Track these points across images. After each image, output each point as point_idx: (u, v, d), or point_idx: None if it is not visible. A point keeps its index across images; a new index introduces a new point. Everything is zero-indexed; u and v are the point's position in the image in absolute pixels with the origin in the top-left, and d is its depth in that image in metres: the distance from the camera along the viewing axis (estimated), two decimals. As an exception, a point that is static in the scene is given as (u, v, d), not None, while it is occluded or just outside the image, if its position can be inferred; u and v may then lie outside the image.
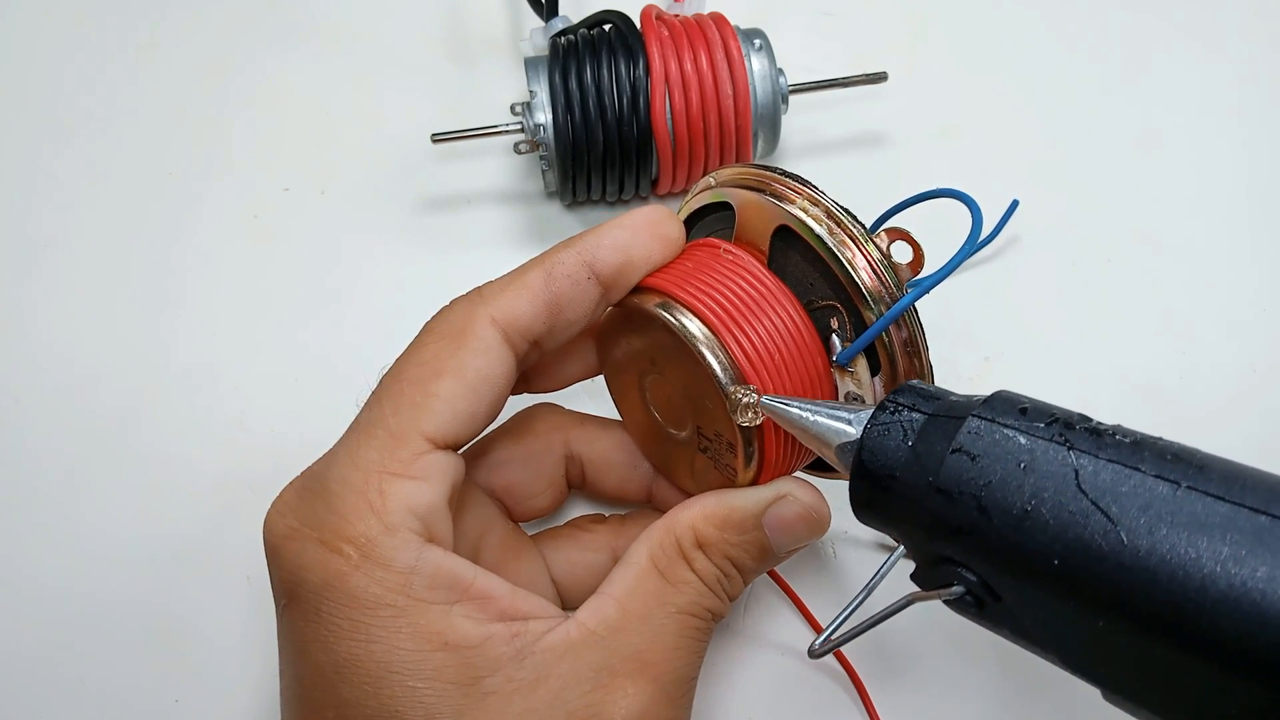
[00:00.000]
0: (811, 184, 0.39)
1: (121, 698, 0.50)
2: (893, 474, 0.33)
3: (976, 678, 0.49)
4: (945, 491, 0.31)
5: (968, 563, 0.31)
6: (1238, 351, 0.56)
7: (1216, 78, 0.65)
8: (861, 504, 0.35)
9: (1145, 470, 0.29)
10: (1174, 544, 0.27)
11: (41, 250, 0.60)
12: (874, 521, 0.35)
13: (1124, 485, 0.29)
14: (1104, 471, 0.29)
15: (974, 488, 0.31)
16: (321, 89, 0.64)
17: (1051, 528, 0.29)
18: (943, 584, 0.32)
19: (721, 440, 0.39)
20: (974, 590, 0.31)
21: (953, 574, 0.32)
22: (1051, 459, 0.30)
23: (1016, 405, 0.32)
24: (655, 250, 0.40)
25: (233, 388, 0.56)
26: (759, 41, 0.56)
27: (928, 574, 0.33)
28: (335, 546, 0.35)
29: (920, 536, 0.33)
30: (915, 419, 0.34)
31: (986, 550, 0.31)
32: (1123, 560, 0.28)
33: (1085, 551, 0.28)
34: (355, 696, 0.35)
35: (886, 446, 0.34)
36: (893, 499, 0.33)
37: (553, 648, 0.36)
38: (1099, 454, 0.30)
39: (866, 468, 0.34)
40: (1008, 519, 0.30)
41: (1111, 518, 0.28)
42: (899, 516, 0.34)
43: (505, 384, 0.39)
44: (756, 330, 0.38)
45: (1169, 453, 0.29)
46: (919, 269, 0.38)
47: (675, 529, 0.39)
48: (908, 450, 0.33)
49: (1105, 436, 0.30)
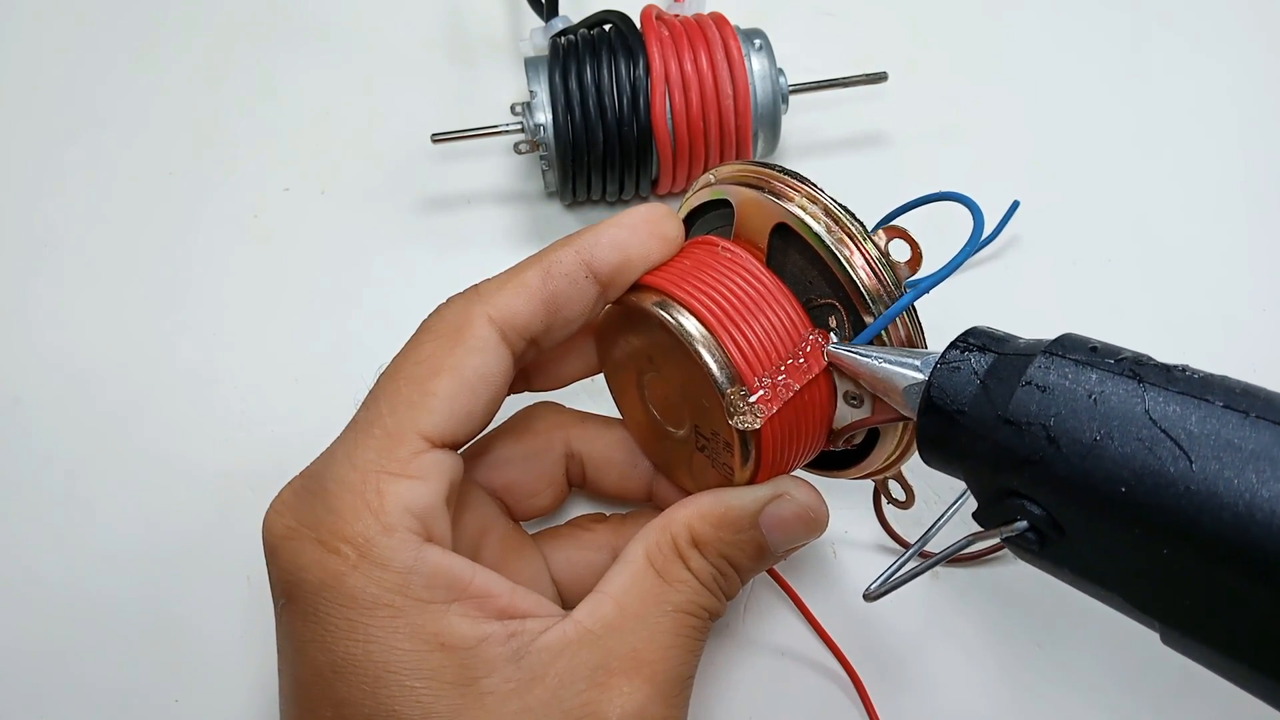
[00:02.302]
0: (810, 182, 0.39)
1: (121, 697, 0.50)
2: (961, 409, 0.34)
3: (977, 678, 0.49)
4: (1014, 423, 0.32)
5: (1034, 495, 0.32)
6: (1238, 351, 0.56)
7: (1216, 77, 0.64)
8: (929, 441, 0.35)
9: (1214, 401, 0.29)
10: (1241, 469, 0.27)
11: (42, 250, 0.60)
12: (940, 460, 0.36)
13: (1194, 415, 0.29)
14: (1173, 402, 0.29)
15: (1043, 418, 0.31)
16: (322, 89, 0.64)
17: (1120, 456, 0.29)
18: (1006, 520, 0.32)
19: (719, 439, 0.39)
20: (1038, 524, 0.32)
21: (1017, 508, 0.32)
22: (1121, 391, 0.30)
23: (1086, 344, 0.32)
24: (653, 248, 0.40)
25: (233, 388, 0.56)
26: (759, 41, 0.56)
27: (991, 511, 0.33)
28: (333, 546, 0.35)
29: (986, 471, 0.33)
30: (985, 359, 0.34)
31: (1054, 480, 0.31)
32: (1191, 485, 0.28)
33: (1154, 478, 0.29)
34: (353, 696, 0.35)
35: (956, 383, 0.34)
36: (960, 433, 0.34)
37: (549, 647, 0.36)
38: (1169, 387, 0.30)
39: (935, 403, 0.34)
40: (1077, 448, 0.30)
41: (1181, 445, 0.28)
42: (965, 452, 0.34)
43: (503, 382, 0.39)
44: (754, 329, 0.38)
45: (1237, 388, 0.29)
46: (917, 267, 0.38)
47: (671, 528, 0.39)
48: (977, 386, 0.34)
49: (1174, 372, 0.30)
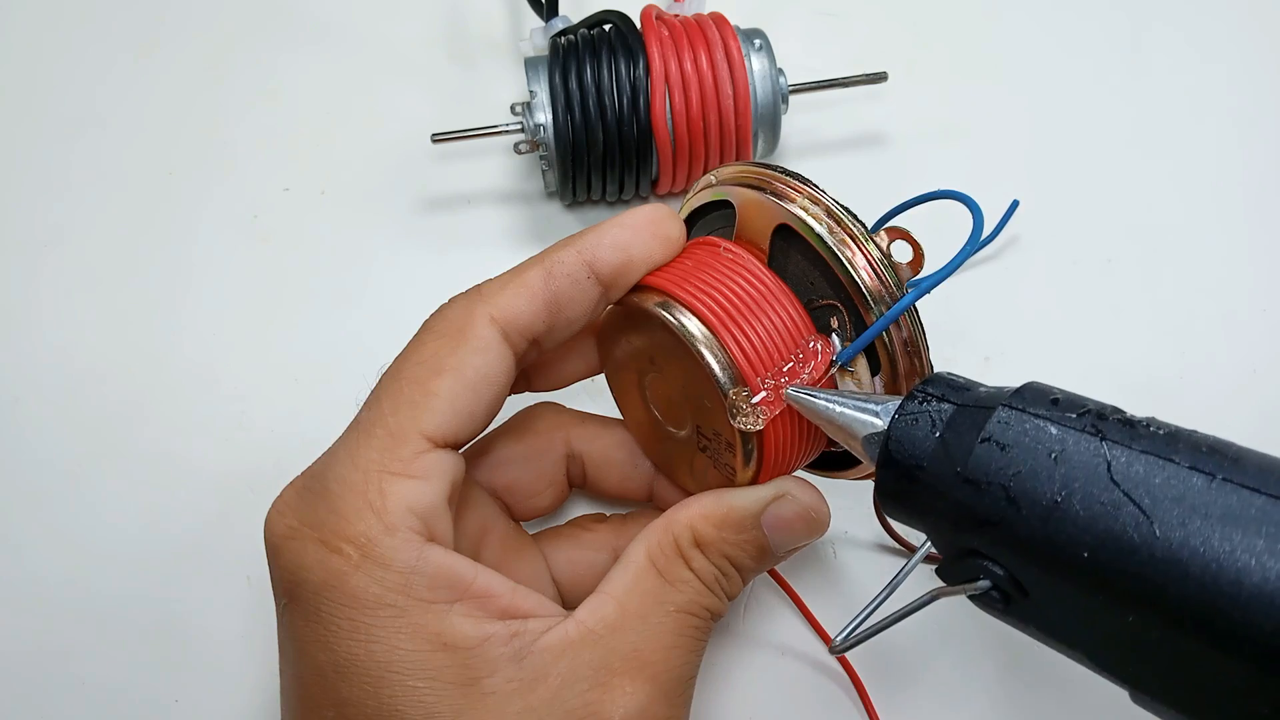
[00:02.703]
0: (812, 182, 0.39)
1: (121, 697, 0.50)
2: (920, 464, 0.33)
3: (976, 678, 0.49)
4: (973, 481, 0.31)
5: (995, 555, 0.31)
6: (1237, 351, 0.56)
7: (1216, 77, 0.64)
8: (888, 495, 0.35)
9: (1179, 462, 0.28)
10: (1207, 536, 0.26)
11: (42, 250, 0.60)
12: (900, 514, 0.35)
13: (1157, 477, 0.28)
14: (1137, 463, 0.28)
15: (1003, 478, 0.30)
16: (322, 89, 0.64)
17: (1082, 519, 0.29)
18: (968, 578, 0.32)
19: (720, 439, 0.39)
20: (1000, 584, 0.31)
21: (979, 568, 0.31)
22: (1083, 449, 0.29)
23: (1048, 396, 0.32)
24: (655, 249, 0.40)
25: (233, 388, 0.56)
26: (759, 41, 0.56)
27: (953, 568, 0.32)
28: (335, 546, 0.35)
29: (946, 528, 0.32)
30: (944, 409, 0.33)
31: (1014, 542, 0.30)
32: (1155, 552, 0.27)
33: (1116, 543, 0.28)
34: (355, 696, 0.35)
35: (914, 436, 0.33)
36: (920, 490, 0.33)
37: (551, 647, 0.36)
38: (1132, 445, 0.29)
39: (894, 457, 0.34)
40: (1037, 509, 0.29)
41: (1144, 509, 0.28)
42: (925, 508, 0.33)
43: (505, 382, 0.39)
44: (756, 329, 0.38)
45: (1204, 445, 0.28)
46: (919, 268, 0.38)
47: (673, 528, 0.39)
48: (935, 440, 0.33)
49: (1139, 428, 0.30)
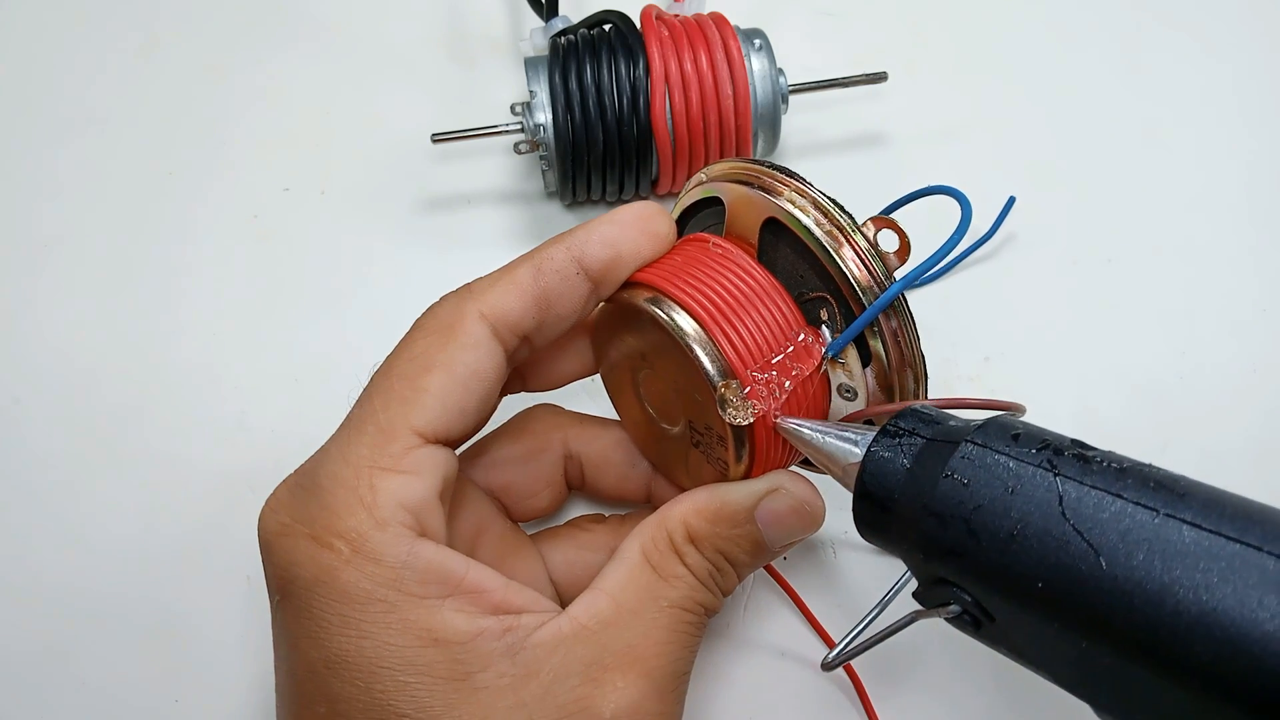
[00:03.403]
0: (800, 176, 0.39)
1: (121, 697, 0.50)
2: (892, 495, 0.34)
3: (975, 679, 0.49)
4: (938, 514, 0.32)
5: (961, 583, 0.32)
6: (1238, 351, 0.56)
7: (1216, 77, 0.64)
8: (864, 524, 0.36)
9: (1126, 497, 0.29)
10: (1150, 570, 0.28)
11: (42, 250, 0.60)
12: (877, 541, 0.36)
13: (1105, 512, 0.29)
14: (1087, 498, 0.30)
15: (964, 511, 0.32)
16: (321, 89, 0.64)
17: (1035, 551, 0.30)
18: (941, 603, 0.33)
19: (713, 434, 0.39)
20: (969, 610, 0.32)
21: (950, 594, 0.33)
22: (1038, 484, 0.31)
23: (1010, 431, 0.33)
24: (644, 246, 0.40)
25: (233, 388, 0.56)
26: (759, 41, 0.56)
27: (928, 593, 0.34)
28: (327, 542, 0.35)
29: (917, 557, 0.34)
30: (915, 443, 0.35)
31: (976, 572, 0.32)
32: (1101, 585, 0.28)
33: (1066, 575, 0.29)
34: (347, 692, 0.35)
35: (886, 469, 0.35)
36: (892, 520, 0.34)
37: (544, 642, 0.36)
38: (1083, 480, 0.30)
39: (867, 488, 0.35)
40: (995, 542, 0.31)
41: (1091, 543, 0.29)
42: (899, 537, 0.35)
43: (495, 379, 0.39)
44: (745, 323, 0.38)
45: (1152, 480, 0.30)
46: (906, 257, 0.38)
47: (667, 523, 0.39)
48: (905, 473, 0.34)
49: (1092, 463, 0.31)
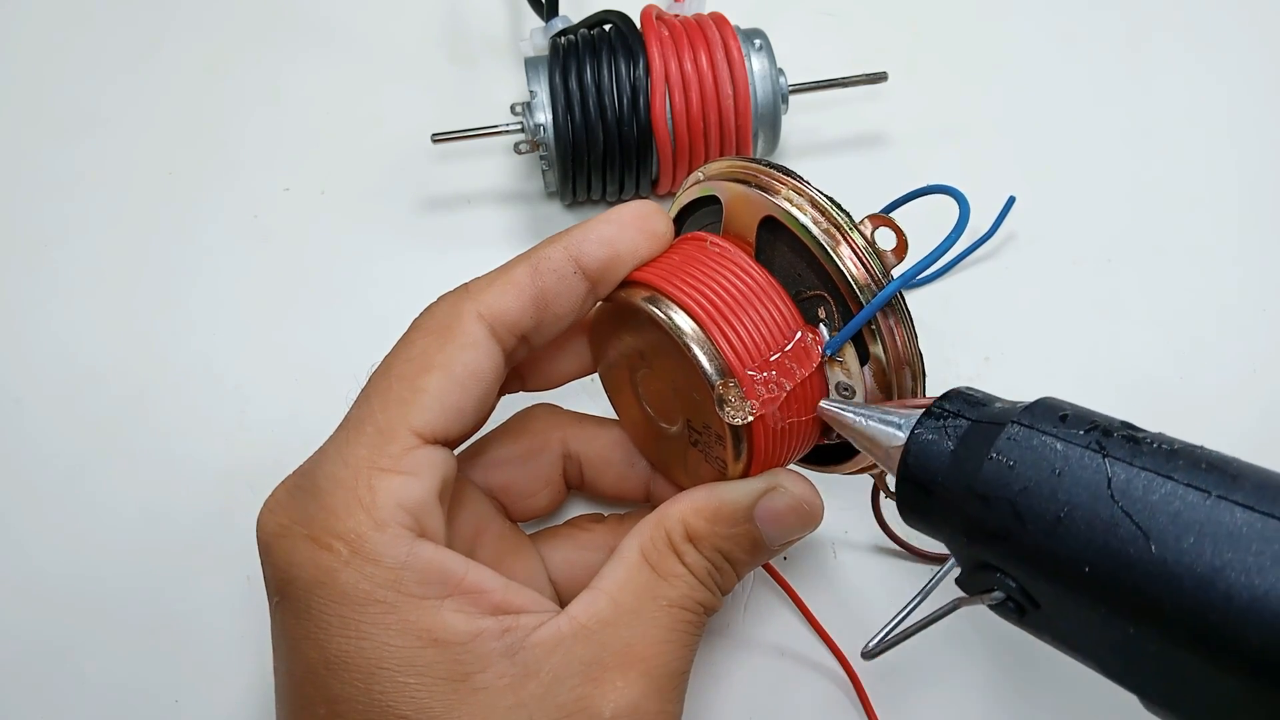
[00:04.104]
0: (797, 175, 0.39)
1: (121, 696, 0.50)
2: (935, 478, 0.34)
3: (975, 678, 0.49)
4: (983, 496, 0.32)
5: (1005, 568, 0.32)
6: (1238, 351, 0.56)
7: (1216, 76, 0.64)
8: (907, 508, 0.36)
9: (1177, 479, 0.29)
10: (1201, 553, 0.27)
11: (44, 250, 0.60)
12: (920, 525, 0.36)
13: (1155, 494, 0.29)
14: (1136, 480, 0.29)
15: (1009, 493, 0.31)
16: (321, 89, 0.65)
17: (1083, 534, 0.29)
18: (985, 589, 0.32)
19: (711, 432, 0.39)
20: (1013, 596, 0.32)
21: (994, 579, 0.32)
22: (1085, 466, 0.30)
23: (1057, 412, 0.32)
24: (642, 245, 0.40)
25: (233, 387, 0.56)
26: (759, 41, 0.56)
27: (971, 579, 0.33)
28: (325, 543, 0.35)
29: (961, 541, 0.33)
30: (959, 425, 0.34)
31: (1022, 556, 0.31)
32: (1150, 568, 0.28)
33: (1115, 559, 0.29)
34: (346, 693, 0.35)
35: (930, 451, 0.34)
36: (935, 503, 0.34)
37: (543, 642, 0.36)
38: (1133, 462, 0.30)
39: (911, 471, 0.35)
40: (1041, 525, 0.30)
41: (1141, 526, 0.28)
42: (942, 520, 0.34)
43: (494, 379, 0.39)
44: (743, 321, 0.38)
45: (1204, 461, 0.29)
46: (903, 255, 0.38)
47: (665, 522, 0.39)
48: (950, 455, 0.34)
49: (1142, 444, 0.30)
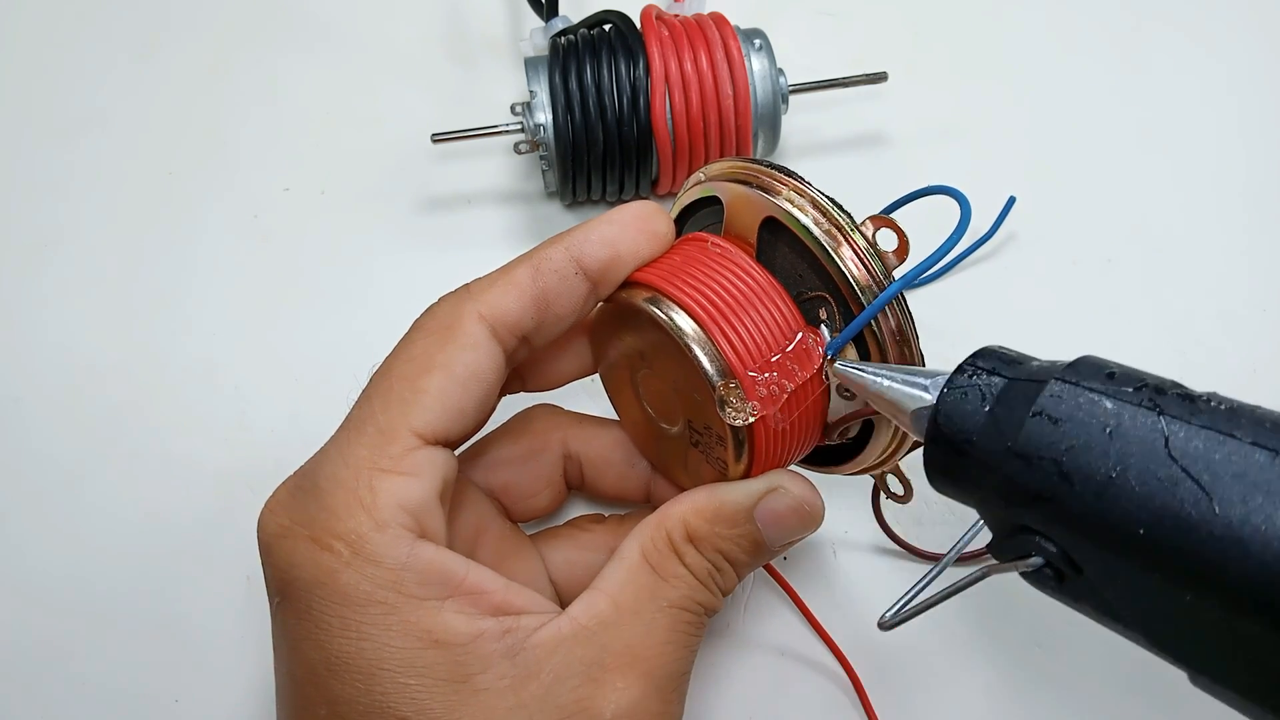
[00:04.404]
0: (798, 175, 0.39)
1: (121, 696, 0.50)
2: (969, 438, 0.32)
3: (975, 678, 0.49)
4: (1024, 456, 0.30)
5: (1047, 531, 0.30)
6: (1237, 351, 0.56)
7: (1215, 76, 0.64)
8: (937, 470, 0.34)
9: (1240, 437, 0.27)
10: (1270, 514, 0.26)
11: (43, 250, 0.60)
12: (950, 489, 0.34)
13: (1217, 453, 0.27)
14: (1196, 438, 0.27)
15: (1055, 452, 0.29)
16: (321, 89, 0.65)
17: (1137, 494, 0.28)
18: (1020, 555, 0.31)
19: (711, 433, 0.39)
20: (1054, 561, 0.30)
21: (1031, 544, 0.30)
22: (1139, 424, 0.28)
23: (1103, 369, 0.31)
24: (643, 245, 0.40)
25: (233, 387, 0.56)
26: (759, 41, 0.56)
27: (1005, 545, 0.32)
28: (326, 544, 0.35)
29: (997, 504, 0.32)
30: (994, 383, 0.32)
31: (1067, 518, 0.29)
32: (1214, 530, 0.26)
33: (1174, 520, 0.27)
34: (347, 694, 0.35)
35: (964, 410, 0.32)
36: (969, 464, 0.32)
37: (544, 643, 0.36)
38: (1191, 420, 0.28)
39: (942, 431, 0.33)
40: (1090, 485, 0.29)
41: (1203, 485, 0.27)
42: (975, 483, 0.33)
43: (495, 379, 0.39)
44: (744, 322, 0.38)
45: (1268, 420, 0.27)
46: (905, 256, 0.38)
47: (666, 523, 0.39)
48: (985, 415, 0.32)
49: (1199, 403, 0.28)
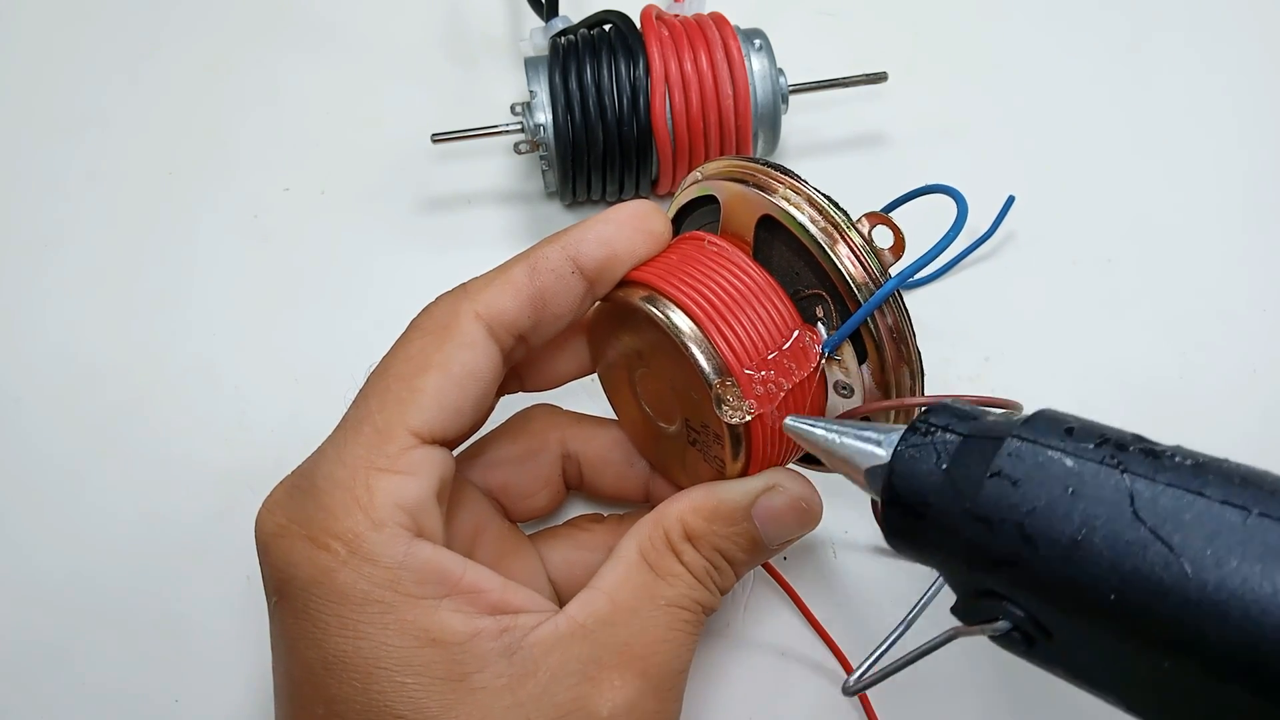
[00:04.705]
0: (795, 174, 0.39)
1: (121, 696, 0.50)
2: (926, 500, 0.31)
3: (976, 679, 0.49)
4: (985, 519, 0.29)
5: (1013, 596, 0.29)
6: (1238, 351, 0.56)
7: (1215, 76, 0.64)
8: (894, 532, 0.33)
9: (1210, 495, 0.26)
10: (1246, 577, 0.25)
11: (43, 250, 0.60)
12: (909, 551, 0.33)
13: (1186, 512, 0.26)
14: (1163, 497, 0.26)
15: (1016, 515, 0.28)
16: (321, 89, 0.65)
17: (1106, 558, 0.27)
18: (986, 619, 0.30)
19: (709, 431, 0.39)
20: (1021, 626, 0.29)
21: (997, 608, 0.29)
22: (1103, 483, 0.27)
23: (1061, 425, 0.30)
24: (639, 244, 0.40)
25: (233, 387, 0.56)
26: (759, 41, 0.56)
27: (970, 607, 0.31)
28: (323, 543, 0.35)
29: (959, 568, 0.30)
30: (949, 440, 0.31)
31: (1033, 583, 0.28)
32: (1188, 595, 0.25)
33: (1145, 585, 0.26)
34: (344, 693, 0.35)
35: (918, 471, 0.31)
36: (928, 527, 0.31)
37: (541, 641, 0.36)
38: (1156, 477, 0.27)
39: (897, 493, 0.32)
40: (1056, 549, 0.27)
41: (1173, 548, 0.26)
42: (935, 546, 0.31)
43: (492, 379, 0.39)
44: (740, 320, 0.38)
45: (1236, 476, 0.27)
46: (901, 253, 0.38)
47: (664, 522, 0.39)
48: (941, 474, 0.31)
49: (1163, 459, 0.28)
